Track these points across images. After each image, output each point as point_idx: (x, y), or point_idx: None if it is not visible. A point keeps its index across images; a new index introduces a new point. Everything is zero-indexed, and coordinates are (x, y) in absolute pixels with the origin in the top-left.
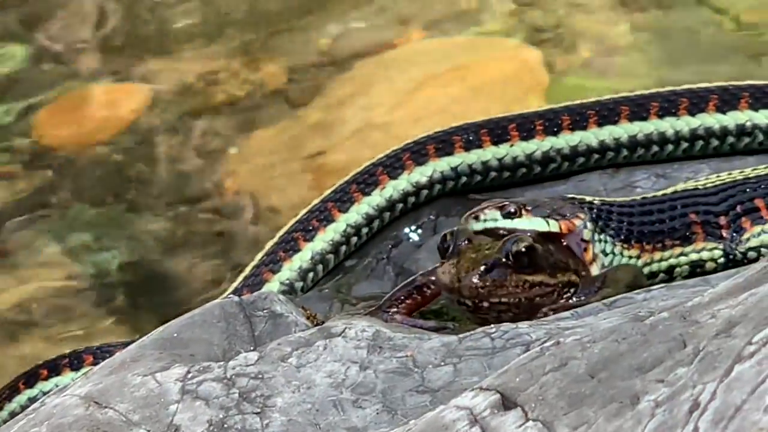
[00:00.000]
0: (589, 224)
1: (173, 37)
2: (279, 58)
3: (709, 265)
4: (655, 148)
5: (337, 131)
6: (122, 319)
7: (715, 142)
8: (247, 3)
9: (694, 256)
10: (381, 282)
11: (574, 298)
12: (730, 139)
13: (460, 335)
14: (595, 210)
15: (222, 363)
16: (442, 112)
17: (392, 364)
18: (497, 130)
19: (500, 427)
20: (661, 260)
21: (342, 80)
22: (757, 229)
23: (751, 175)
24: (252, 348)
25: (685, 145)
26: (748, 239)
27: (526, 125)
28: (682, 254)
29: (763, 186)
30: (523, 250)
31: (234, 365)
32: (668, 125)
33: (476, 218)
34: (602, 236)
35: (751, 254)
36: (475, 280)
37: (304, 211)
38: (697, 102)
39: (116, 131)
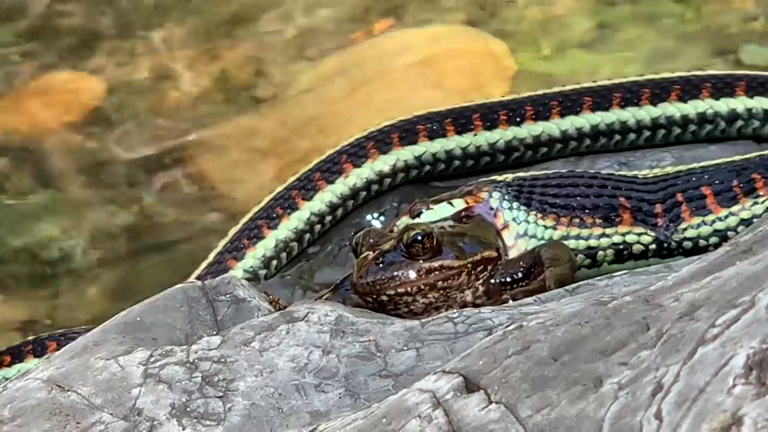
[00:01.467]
0: (495, 194)
1: (130, 23)
2: (240, 49)
3: (637, 248)
4: (617, 137)
5: (298, 123)
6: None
7: (677, 131)
8: None
9: (617, 239)
10: (343, 269)
11: (498, 278)
12: (692, 128)
13: (423, 320)
14: (505, 183)
15: (185, 347)
16: (406, 103)
17: (355, 349)
18: (461, 120)
19: (463, 409)
20: (579, 237)
21: (304, 72)
22: (697, 220)
23: (696, 167)
24: (215, 332)
25: (647, 133)
26: (685, 229)
27: (490, 115)
28: (604, 235)
29: (709, 175)
30: (417, 237)
31: (197, 349)
32: (630, 115)
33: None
34: (513, 204)
35: (687, 244)
36: (368, 278)
37: (268, 198)
38: (658, 92)
39: (72, 121)
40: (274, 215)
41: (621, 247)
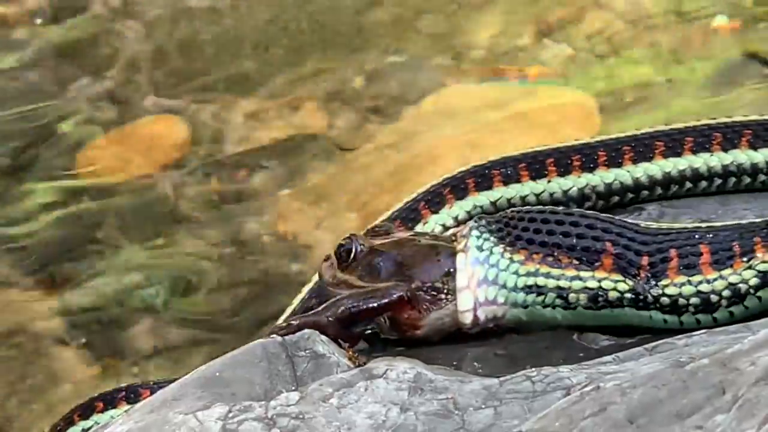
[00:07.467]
0: (471, 222)
1: (217, 74)
2: (319, 99)
3: (613, 294)
4: (689, 185)
5: (383, 175)
6: (169, 357)
7: (746, 180)
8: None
9: (591, 284)
10: None
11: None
12: (762, 177)
13: (501, 378)
14: (483, 218)
15: (263, 402)
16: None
17: (433, 406)
18: (535, 165)
19: None
20: (548, 276)
21: (389, 125)
22: (682, 279)
23: (703, 226)
24: (293, 388)
25: (718, 181)
26: (665, 286)
27: (564, 160)
28: (577, 278)
29: (713, 235)
30: (344, 245)
31: (275, 405)
32: (702, 161)
33: None
34: (485, 234)
35: (664, 300)
36: (321, 269)
37: None
38: (731, 137)
39: (163, 167)
40: None
41: (596, 293)
